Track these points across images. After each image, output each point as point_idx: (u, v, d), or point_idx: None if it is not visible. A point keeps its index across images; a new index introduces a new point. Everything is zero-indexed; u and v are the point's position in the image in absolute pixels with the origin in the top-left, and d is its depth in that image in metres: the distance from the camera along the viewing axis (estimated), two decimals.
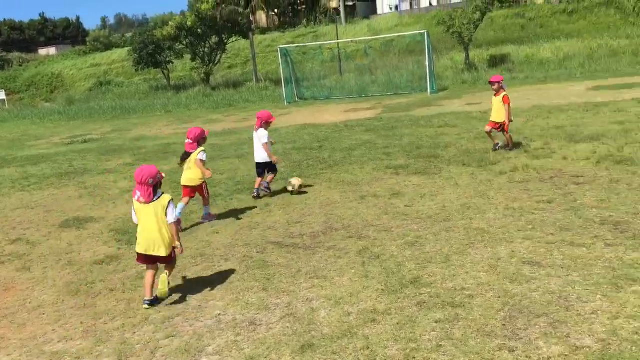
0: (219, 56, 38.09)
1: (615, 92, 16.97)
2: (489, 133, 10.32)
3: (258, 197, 8.59)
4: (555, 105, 15.45)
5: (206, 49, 36.97)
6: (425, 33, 26.22)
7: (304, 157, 11.66)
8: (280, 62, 28.57)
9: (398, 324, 4.22)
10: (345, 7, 53.53)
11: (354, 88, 29.18)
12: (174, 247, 5.12)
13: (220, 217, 7.76)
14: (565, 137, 10.59)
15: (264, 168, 8.64)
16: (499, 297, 4.49)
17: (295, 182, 8.60)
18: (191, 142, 7.29)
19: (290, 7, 58.26)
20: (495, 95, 10.15)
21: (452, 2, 48.58)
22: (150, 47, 36.62)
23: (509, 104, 9.97)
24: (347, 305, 4.64)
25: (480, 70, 29.99)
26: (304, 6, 59.36)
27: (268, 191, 8.64)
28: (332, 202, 7.98)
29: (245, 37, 37.59)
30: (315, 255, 5.89)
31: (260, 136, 8.42)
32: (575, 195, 6.99)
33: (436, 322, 4.19)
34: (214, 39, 36.72)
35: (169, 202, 5.06)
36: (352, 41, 38.17)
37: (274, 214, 7.65)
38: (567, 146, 9.88)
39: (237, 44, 44.02)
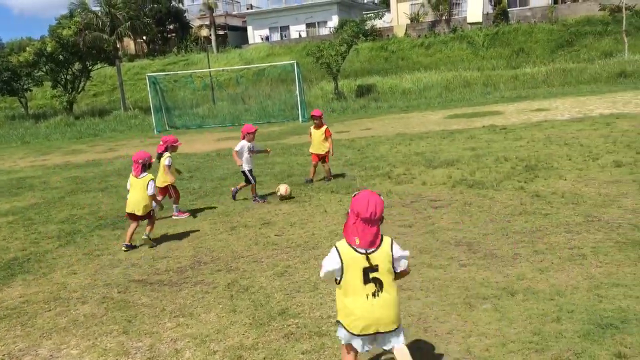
0: (82, 83, 36.22)
1: (468, 120, 18.42)
2: (315, 165, 10.60)
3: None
4: (416, 132, 16.42)
5: (68, 76, 35.00)
6: (295, 63, 26.85)
7: None
8: (149, 90, 27.74)
9: (264, 358, 4.15)
10: (217, 36, 53.43)
11: (227, 116, 29.08)
12: (151, 209, 7.32)
13: (80, 255, 7.25)
14: (425, 163, 11.25)
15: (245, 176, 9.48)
16: None
17: (283, 188, 9.38)
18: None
19: (159, 35, 56.98)
20: (315, 128, 10.43)
21: (321, 34, 50.32)
22: (5, 74, 33.99)
23: (331, 136, 10.48)
24: (214, 342, 4.49)
25: (348, 100, 31.20)
26: (173, 34, 58.39)
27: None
28: (202, 234, 7.79)
29: (112, 64, 36.14)
30: (182, 291, 5.68)
31: (237, 146, 9.38)
32: (433, 219, 7.40)
33: (303, 353, 4.18)
34: (77, 65, 34.91)
35: (149, 180, 7.20)
36: (224, 70, 38.12)
37: (138, 250, 7.29)
38: (426, 171, 10.49)
39: (103, 71, 42.20)
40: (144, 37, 56.06)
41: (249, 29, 55.31)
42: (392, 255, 3.34)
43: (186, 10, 58.61)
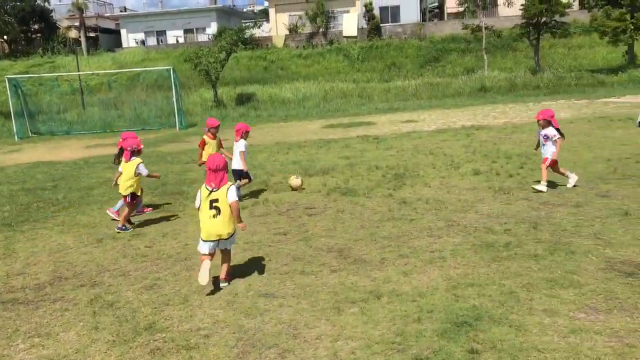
0: None
1: (344, 130, 19.00)
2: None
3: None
4: (295, 141, 16.64)
5: None
6: (172, 69, 26.16)
7: (33, 198, 10.53)
8: (9, 93, 25.61)
9: None
10: (87, 38, 50.63)
11: (98, 123, 27.62)
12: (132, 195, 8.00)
13: None
14: (301, 171, 11.42)
15: (239, 175, 9.29)
16: (234, 333, 4.54)
17: (296, 181, 9.86)
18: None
19: (22, 35, 52.90)
20: (211, 138, 9.64)
21: (199, 40, 49.48)
22: None
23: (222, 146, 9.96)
24: None
25: (228, 108, 30.92)
26: (39, 34, 54.49)
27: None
28: (64, 247, 7.30)
29: None
30: (38, 310, 5.27)
31: (239, 146, 9.27)
32: (307, 226, 7.52)
33: None
34: None
35: (137, 164, 7.95)
36: (94, 73, 36.19)
37: None
38: (303, 179, 10.65)
39: None
40: (5, 37, 51.83)
41: (123, 32, 53.02)
42: (227, 195, 5.52)
43: (53, 9, 54.94)
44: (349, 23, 46.06)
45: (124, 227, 7.93)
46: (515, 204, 7.90)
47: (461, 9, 40.86)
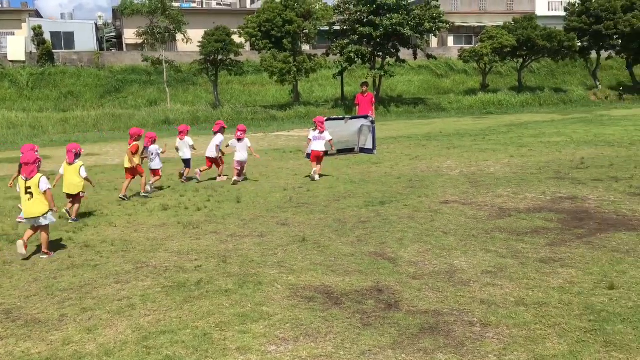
0: None
1: (14, 165, 16.67)
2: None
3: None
4: None
5: None
6: None
7: None
8: None
9: None
10: None
11: None
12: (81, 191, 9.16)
13: None
14: None
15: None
16: None
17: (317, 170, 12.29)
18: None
19: None
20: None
21: None
22: None
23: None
24: None
25: None
26: None
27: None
28: None
29: None
30: None
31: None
32: None
33: None
34: None
35: (80, 166, 9.13)
36: None
37: None
38: None
39: None
40: None
41: None
42: (38, 183, 7.13)
43: None
44: (15, 46, 41.33)
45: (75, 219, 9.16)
46: (205, 238, 7.90)
47: (140, 41, 40.46)
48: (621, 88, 42.19)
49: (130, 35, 44.47)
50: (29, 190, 7.13)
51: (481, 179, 11.57)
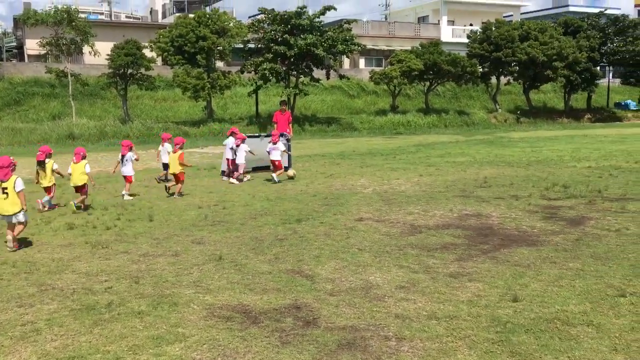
0: None
1: None
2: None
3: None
4: None
5: None
6: None
7: None
8: None
9: None
10: None
11: None
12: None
13: None
14: None
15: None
16: None
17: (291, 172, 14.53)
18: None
19: None
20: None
21: None
22: None
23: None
24: None
25: None
26: None
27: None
28: None
29: None
30: None
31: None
32: None
33: None
34: None
35: (85, 164, 10.84)
36: None
37: None
38: None
39: None
40: None
41: None
42: (14, 184, 7.97)
43: None
44: None
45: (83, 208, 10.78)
46: (115, 258, 7.60)
47: (43, 52, 38.49)
48: (519, 112, 45.23)
49: (32, 46, 42.11)
50: (5, 191, 7.97)
51: (393, 196, 11.94)
